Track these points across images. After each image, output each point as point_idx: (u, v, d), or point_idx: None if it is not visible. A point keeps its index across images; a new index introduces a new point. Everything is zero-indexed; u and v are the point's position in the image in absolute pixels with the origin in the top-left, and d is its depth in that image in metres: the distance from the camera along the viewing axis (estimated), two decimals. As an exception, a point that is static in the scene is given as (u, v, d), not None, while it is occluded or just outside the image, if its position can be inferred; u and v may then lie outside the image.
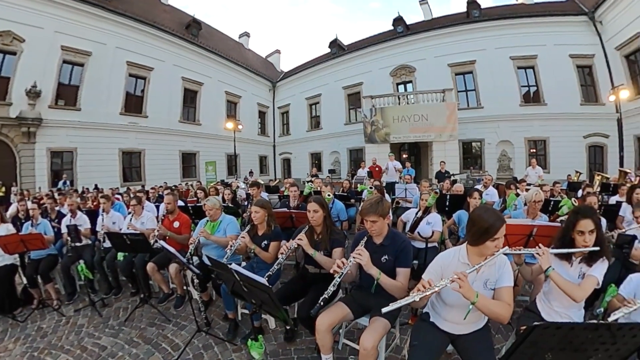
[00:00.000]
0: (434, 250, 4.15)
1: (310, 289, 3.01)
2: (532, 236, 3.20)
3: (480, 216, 1.98)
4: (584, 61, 16.67)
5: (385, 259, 2.54)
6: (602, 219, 3.79)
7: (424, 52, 19.02)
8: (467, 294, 1.82)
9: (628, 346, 1.49)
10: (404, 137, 16.59)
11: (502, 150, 17.88)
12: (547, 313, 2.39)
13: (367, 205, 2.51)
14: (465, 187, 7.09)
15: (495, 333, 3.30)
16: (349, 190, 8.01)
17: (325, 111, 23.28)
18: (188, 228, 4.60)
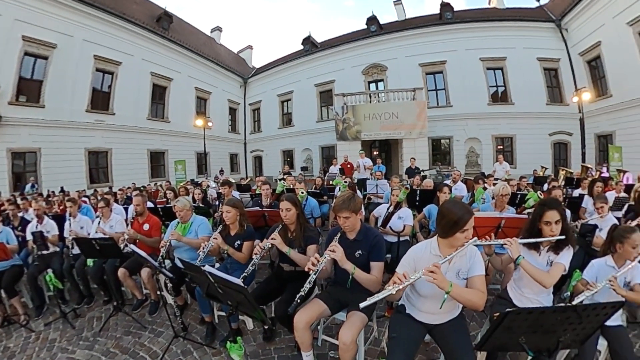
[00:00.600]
0: (406, 243, 4.27)
1: (286, 287, 3.01)
2: (501, 228, 3.36)
3: (450, 209, 2.05)
4: (550, 64, 17.91)
5: (359, 253, 2.59)
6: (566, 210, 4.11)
7: (396, 52, 19.36)
8: (441, 284, 1.88)
9: (592, 324, 1.65)
10: (375, 135, 16.88)
11: (470, 147, 18.59)
12: (519, 299, 2.52)
13: (339, 201, 2.56)
14: (434, 182, 7.27)
15: (469, 321, 3.47)
16: (321, 187, 8.10)
17: (297, 108, 23.13)
18: (158, 230, 4.44)
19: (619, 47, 14.46)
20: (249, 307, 2.23)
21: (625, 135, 14.65)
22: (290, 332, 2.82)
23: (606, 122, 15.97)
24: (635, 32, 13.59)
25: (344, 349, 2.31)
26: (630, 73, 13.96)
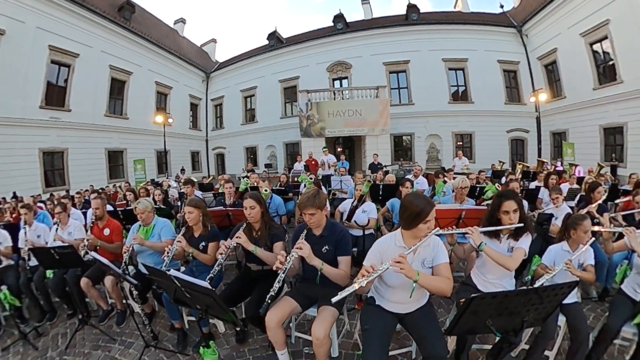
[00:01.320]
0: (371, 236, 4.37)
1: (255, 287, 2.98)
2: (462, 219, 3.53)
3: (411, 202, 2.14)
4: (510, 67, 19.15)
5: (326, 249, 2.61)
6: (524, 201, 4.34)
7: (361, 50, 19.61)
8: (408, 274, 1.94)
9: (552, 303, 1.81)
10: (338, 131, 17.05)
11: (431, 143, 19.33)
12: (483, 285, 2.67)
13: (304, 198, 2.56)
14: (397, 177, 7.55)
15: (437, 308, 3.60)
16: (286, 184, 8.03)
17: (260, 104, 22.63)
18: (120, 235, 4.15)
19: (572, 54, 15.97)
20: (219, 310, 2.19)
21: (577, 132, 16.23)
22: (263, 332, 2.82)
23: (560, 120, 17.54)
24: (586, 42, 15.15)
25: (317, 344, 2.35)
26: (582, 77, 15.50)
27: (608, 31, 13.91)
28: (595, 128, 15.24)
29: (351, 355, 2.99)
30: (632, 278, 2.82)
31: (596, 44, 14.84)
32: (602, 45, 14.57)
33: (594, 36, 14.70)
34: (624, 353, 2.81)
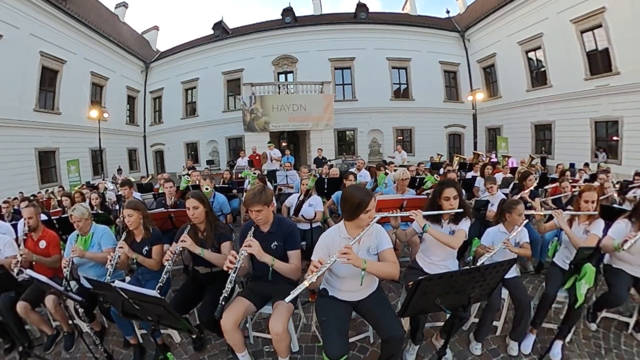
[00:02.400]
0: (318, 229, 4.47)
1: (205, 290, 2.86)
2: (403, 207, 3.73)
3: (351, 194, 2.21)
4: (451, 67, 20.71)
5: (275, 245, 2.60)
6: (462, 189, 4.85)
7: (308, 45, 19.65)
8: (356, 263, 2.02)
9: (494, 279, 1.98)
10: (283, 126, 16.99)
11: (373, 137, 20.10)
12: (428, 267, 2.86)
13: (250, 195, 2.52)
14: (340, 170, 7.81)
15: (388, 293, 3.78)
16: (229, 181, 7.85)
17: (202, 97, 21.41)
18: (57, 247, 3.61)
19: (509, 59, 18.07)
20: (171, 318, 2.08)
21: (511, 128, 18.38)
22: (220, 337, 2.73)
23: (495, 117, 19.64)
24: (522, 50, 17.29)
25: (277, 339, 2.35)
26: (517, 80, 17.74)
27: (541, 42, 16.13)
28: (527, 124, 17.53)
29: (312, 347, 3.02)
30: (562, 252, 3.27)
31: (531, 52, 17.06)
32: (536, 53, 16.82)
33: (529, 45, 16.86)
34: (559, 314, 3.28)
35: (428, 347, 3.00)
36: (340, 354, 2.07)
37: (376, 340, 2.97)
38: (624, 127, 13.22)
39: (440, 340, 2.97)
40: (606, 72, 13.48)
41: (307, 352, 2.98)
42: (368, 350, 2.98)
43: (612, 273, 3.10)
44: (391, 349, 2.29)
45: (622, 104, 13.08)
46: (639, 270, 2.95)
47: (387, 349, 2.32)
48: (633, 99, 12.64)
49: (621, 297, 2.92)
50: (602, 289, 3.44)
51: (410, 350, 2.83)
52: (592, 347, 3.01)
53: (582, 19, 13.96)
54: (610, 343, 3.07)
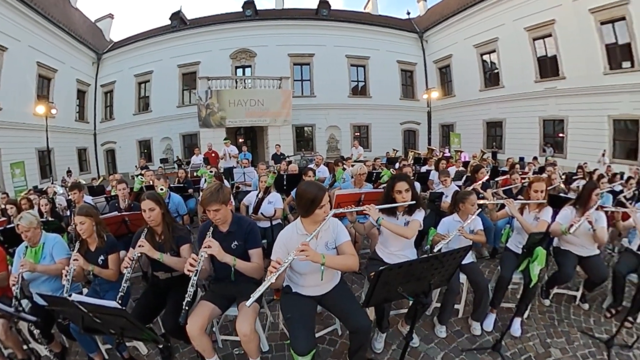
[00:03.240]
0: (279, 227, 4.38)
1: (167, 297, 2.72)
2: (361, 201, 3.81)
3: (305, 190, 2.22)
4: (408, 67, 21.54)
5: (236, 244, 2.53)
6: (417, 183, 5.15)
7: (268, 39, 19.27)
8: (314, 259, 2.02)
9: (452, 265, 2.08)
10: (240, 122, 16.64)
11: (331, 134, 20.31)
12: (388, 257, 2.94)
13: (207, 194, 2.42)
14: (299, 166, 7.75)
15: (351, 285, 3.83)
16: (185, 180, 7.55)
17: (156, 91, 20.10)
18: (4, 262, 3.21)
19: (464, 61, 19.15)
20: (135, 330, 1.95)
21: (463, 125, 19.57)
22: (187, 344, 2.61)
23: (449, 115, 20.67)
24: (478, 52, 18.44)
25: (245, 340, 2.30)
26: (470, 81, 18.89)
27: (496, 46, 17.42)
28: (480, 122, 18.82)
29: (282, 345, 2.98)
30: (514, 238, 3.57)
31: (486, 55, 18.31)
32: (491, 56, 18.12)
33: (484, 48, 18.11)
34: (515, 293, 3.67)
35: (395, 334, 3.11)
36: (307, 350, 2.08)
37: (344, 332, 3.01)
38: (568, 125, 14.87)
39: (405, 327, 3.08)
40: (554, 76, 15.07)
41: (277, 351, 2.94)
42: (337, 342, 3.01)
43: (560, 254, 3.53)
44: (359, 339, 2.33)
45: (567, 104, 14.69)
46: (583, 251, 3.39)
47: (356, 339, 2.35)
48: (577, 101, 14.26)
49: (569, 274, 3.37)
50: (553, 268, 3.83)
51: (378, 339, 2.91)
52: (547, 320, 3.43)
53: (534, 28, 15.39)
54: (562, 314, 3.55)
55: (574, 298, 3.73)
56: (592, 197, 3.31)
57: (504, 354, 2.83)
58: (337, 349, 2.93)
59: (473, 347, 2.96)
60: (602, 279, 3.38)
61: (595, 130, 13.69)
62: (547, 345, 3.04)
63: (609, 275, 3.46)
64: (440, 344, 3.03)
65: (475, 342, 3.05)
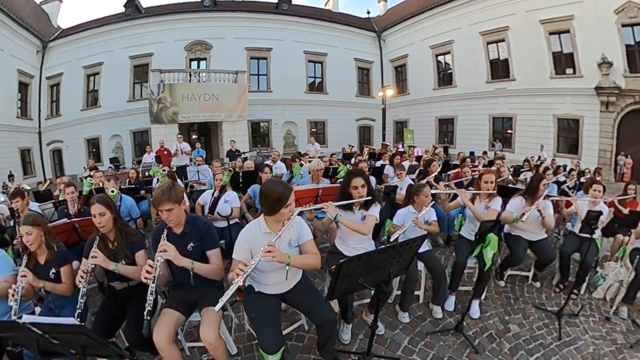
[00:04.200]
0: (237, 226, 4.31)
1: (127, 307, 2.55)
2: (319, 196, 3.84)
3: (270, 189, 2.18)
4: (365, 65, 22.08)
5: (192, 246, 2.42)
6: (372, 177, 5.43)
7: (225, 32, 18.67)
8: (280, 259, 2.03)
9: (409, 254, 2.20)
10: (193, 117, 16.07)
11: (288, 129, 20.26)
12: (348, 250, 3.00)
13: (158, 194, 2.29)
14: (255, 163, 7.68)
15: (313, 279, 3.87)
16: (136, 180, 7.11)
17: (105, 85, 18.49)
18: None
19: (419, 61, 20.06)
20: (97, 346, 1.80)
21: (417, 121, 20.46)
22: (153, 355, 2.49)
23: (403, 112, 21.58)
24: (433, 53, 19.39)
25: (212, 348, 2.23)
26: (425, 80, 19.83)
27: (451, 48, 18.38)
28: (432, 118, 19.91)
29: (250, 347, 2.93)
30: (467, 226, 3.80)
31: (440, 56, 19.26)
32: (445, 57, 19.04)
33: (440, 50, 19.05)
34: (472, 277, 3.91)
35: (360, 324, 3.20)
36: (276, 348, 2.07)
37: (310, 327, 3.03)
38: (517, 123, 16.31)
39: (370, 316, 3.14)
40: (505, 77, 16.46)
41: (246, 352, 2.89)
42: (305, 337, 3.02)
43: (511, 239, 3.90)
44: (326, 332, 2.36)
45: (516, 104, 16.12)
46: (532, 236, 3.79)
47: (323, 332, 2.38)
48: (525, 101, 15.72)
49: (521, 257, 3.76)
50: (505, 252, 4.21)
51: (344, 330, 2.97)
52: (503, 299, 3.83)
53: (489, 33, 16.62)
54: (517, 293, 3.98)
55: (527, 278, 4.19)
56: (539, 187, 3.65)
57: (466, 334, 3.05)
58: (306, 344, 2.95)
59: (437, 330, 3.15)
60: (550, 259, 3.83)
61: (541, 128, 15.26)
62: (505, 322, 3.37)
63: (556, 256, 3.94)
64: (405, 330, 3.17)
65: (438, 325, 3.25)
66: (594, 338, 3.17)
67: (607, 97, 13.12)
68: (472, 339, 3.03)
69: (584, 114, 14.07)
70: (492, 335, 3.15)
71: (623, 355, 2.95)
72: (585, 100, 13.85)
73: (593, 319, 3.49)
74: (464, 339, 3.00)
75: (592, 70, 13.37)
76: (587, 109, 13.92)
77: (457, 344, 2.99)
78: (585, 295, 3.93)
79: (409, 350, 2.93)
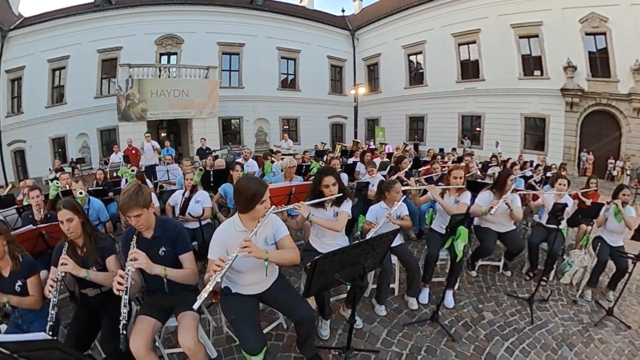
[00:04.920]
0: (209, 227, 4.20)
1: (101, 316, 2.43)
2: (292, 194, 3.83)
3: (245, 185, 2.15)
4: (338, 63, 22.46)
5: (164, 251, 2.33)
6: (344, 174, 5.63)
7: (197, 26, 18.11)
8: (258, 255, 2.00)
9: (383, 249, 2.25)
10: (162, 114, 15.57)
11: (259, 126, 20.06)
12: (322, 247, 3.02)
13: (125, 199, 2.15)
14: (226, 161, 7.52)
15: (289, 277, 3.91)
16: (104, 182, 6.69)
17: (72, 80, 17.25)
18: None
19: (392, 60, 20.68)
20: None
21: (388, 119, 21.17)
22: None
23: (375, 110, 22.17)
24: (405, 53, 20.07)
25: (191, 354, 2.16)
26: (396, 79, 20.55)
27: (424, 48, 19.10)
28: (403, 116, 20.51)
29: (229, 349, 2.88)
30: (437, 220, 3.95)
31: (412, 56, 19.98)
32: (417, 57, 19.80)
33: (412, 50, 19.74)
34: (444, 269, 4.10)
35: (338, 319, 3.24)
36: (259, 348, 2.06)
37: (289, 325, 3.04)
38: (485, 121, 17.21)
39: (347, 311, 3.19)
40: (475, 77, 17.30)
41: (226, 355, 2.84)
42: (284, 336, 3.02)
43: (481, 231, 4.09)
44: (305, 329, 2.36)
45: (485, 103, 17.01)
46: (501, 227, 3.98)
47: (302, 330, 2.38)
48: (493, 100, 16.67)
49: (491, 248, 3.93)
50: (475, 244, 4.39)
51: (323, 326, 3.00)
52: (476, 288, 4.01)
53: (461, 35, 17.41)
54: (489, 282, 4.19)
55: (497, 267, 4.43)
56: (507, 182, 3.84)
57: (442, 323, 3.20)
58: (286, 342, 2.95)
59: (413, 321, 3.26)
60: (519, 249, 4.07)
61: (509, 126, 16.22)
62: (479, 310, 3.56)
63: (524, 246, 4.22)
64: (383, 322, 3.25)
65: (414, 316, 3.36)
66: (563, 320, 3.46)
67: (571, 98, 14.37)
68: (449, 327, 3.16)
69: (550, 114, 15.19)
70: (468, 323, 3.30)
71: (589, 333, 3.28)
72: (551, 100, 14.95)
73: (561, 302, 3.82)
74: (440, 329, 3.12)
75: (558, 73, 14.56)
76: (553, 108, 15.06)
77: (434, 333, 3.10)
78: (553, 281, 4.26)
79: (388, 342, 3.00)
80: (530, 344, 3.05)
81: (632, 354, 3.07)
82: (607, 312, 3.56)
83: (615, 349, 3.10)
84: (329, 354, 2.78)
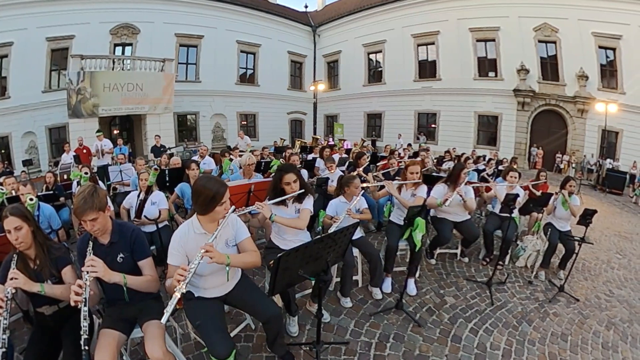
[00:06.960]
0: (166, 229, 4.04)
1: (61, 334, 2.22)
2: (252, 192, 3.73)
3: (204, 186, 2.05)
4: (298, 58, 22.59)
5: (122, 257, 2.19)
6: (305, 170, 5.79)
7: (154, 15, 17.00)
8: (220, 261, 1.97)
9: (344, 242, 2.31)
10: (115, 110, 14.51)
11: (216, 122, 19.54)
12: (285, 244, 3.04)
13: (79, 202, 1.98)
14: (182, 159, 7.19)
15: (253, 277, 3.83)
16: (55, 185, 6.14)
17: (16, 71, 15.01)
18: None
19: (352, 57, 21.28)
20: None
21: (347, 116, 21.87)
22: None
23: (334, 106, 22.63)
24: (365, 51, 20.71)
25: None
26: (355, 77, 21.17)
27: (383, 47, 19.80)
28: (361, 113, 21.16)
29: (199, 355, 2.80)
30: (395, 212, 4.09)
31: (372, 54, 20.67)
32: (377, 56, 20.52)
33: (372, 48, 20.42)
34: (405, 258, 4.33)
35: (306, 315, 3.28)
36: (228, 351, 2.00)
37: (257, 325, 3.02)
38: (440, 118, 18.33)
39: (314, 305, 3.24)
40: (432, 77, 18.31)
41: None
42: (253, 337, 3.00)
43: (438, 222, 4.35)
44: (274, 327, 2.36)
45: (440, 101, 18.07)
46: (456, 217, 4.25)
47: (270, 329, 2.37)
48: (448, 99, 17.70)
49: (447, 237, 4.21)
50: (433, 234, 4.65)
51: (291, 323, 3.01)
52: (436, 275, 4.27)
53: (421, 36, 18.27)
54: (448, 269, 4.48)
55: (455, 255, 4.78)
56: (461, 175, 4.11)
57: (407, 310, 3.37)
58: (255, 343, 2.92)
59: (379, 310, 3.39)
60: (475, 237, 4.38)
61: (463, 123, 17.37)
62: (441, 295, 3.79)
63: (480, 234, 4.56)
64: (349, 314, 3.34)
65: (379, 306, 3.49)
66: (520, 299, 3.82)
67: (523, 98, 15.84)
68: (413, 314, 3.34)
69: (503, 112, 16.54)
70: (431, 308, 3.51)
71: (544, 308, 3.68)
72: (504, 100, 16.28)
73: (518, 284, 4.21)
74: (405, 316, 3.28)
75: (512, 75, 15.94)
76: (506, 107, 16.42)
77: (400, 320, 3.24)
78: (509, 265, 4.66)
79: (357, 332, 3.08)
80: (492, 324, 3.31)
81: (581, 322, 3.52)
82: (559, 289, 4.04)
83: (567, 320, 3.51)
84: (300, 350, 2.79)
